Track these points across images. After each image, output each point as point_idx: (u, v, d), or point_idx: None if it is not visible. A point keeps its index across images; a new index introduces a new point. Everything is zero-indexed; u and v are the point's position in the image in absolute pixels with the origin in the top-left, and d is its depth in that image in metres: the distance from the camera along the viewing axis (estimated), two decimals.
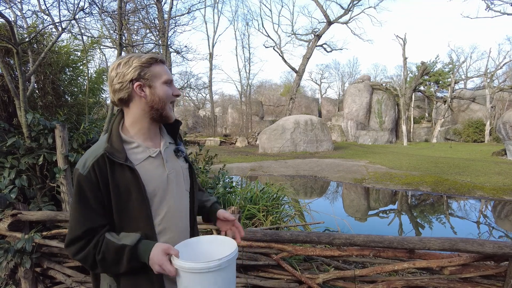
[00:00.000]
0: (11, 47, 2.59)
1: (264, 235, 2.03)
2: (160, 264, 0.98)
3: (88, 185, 1.02)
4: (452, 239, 1.71)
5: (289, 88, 27.94)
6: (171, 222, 1.15)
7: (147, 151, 1.12)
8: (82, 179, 1.03)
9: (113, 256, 1.02)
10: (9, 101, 3.20)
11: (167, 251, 1.00)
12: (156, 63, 1.10)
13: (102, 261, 1.02)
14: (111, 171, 1.04)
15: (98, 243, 1.03)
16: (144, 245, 1.03)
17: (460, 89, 25.84)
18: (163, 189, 1.13)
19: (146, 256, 1.01)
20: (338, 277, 2.02)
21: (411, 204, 7.60)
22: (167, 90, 1.12)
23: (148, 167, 1.11)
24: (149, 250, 1.01)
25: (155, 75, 1.10)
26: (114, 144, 1.07)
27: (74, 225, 1.03)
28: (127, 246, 1.01)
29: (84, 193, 1.03)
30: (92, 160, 1.04)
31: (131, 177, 1.05)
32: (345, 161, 12.81)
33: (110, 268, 1.04)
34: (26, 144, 2.68)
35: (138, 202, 1.06)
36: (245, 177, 9.42)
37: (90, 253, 1.02)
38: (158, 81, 1.10)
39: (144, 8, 8.79)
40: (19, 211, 2.45)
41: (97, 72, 4.89)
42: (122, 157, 1.05)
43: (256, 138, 21.55)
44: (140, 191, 1.06)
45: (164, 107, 1.12)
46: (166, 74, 1.12)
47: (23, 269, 2.47)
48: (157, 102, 1.10)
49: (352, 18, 21.82)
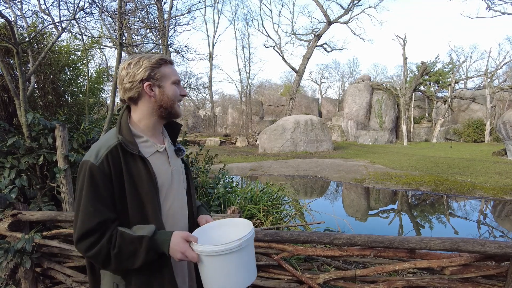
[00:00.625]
0: (11, 47, 2.58)
1: (265, 235, 2.02)
2: (183, 251, 0.99)
3: (101, 176, 1.02)
4: (453, 239, 1.71)
5: (289, 88, 27.93)
6: (174, 217, 1.18)
7: (155, 146, 1.16)
8: (95, 169, 1.01)
9: (129, 248, 1.00)
10: (9, 101, 3.19)
11: (187, 238, 1.01)
12: (165, 64, 1.14)
13: (118, 255, 1.00)
14: (125, 161, 1.05)
15: (113, 237, 1.01)
16: (162, 235, 1.03)
17: (460, 89, 25.83)
18: (168, 184, 1.16)
19: (166, 245, 1.01)
20: (339, 277, 2.02)
21: (412, 204, 7.59)
22: (175, 90, 1.16)
23: (156, 161, 1.14)
24: (168, 239, 1.01)
25: (165, 75, 1.13)
26: (126, 136, 1.09)
27: (86, 218, 0.99)
28: (145, 237, 1.00)
29: (96, 184, 1.01)
30: (106, 150, 1.04)
31: (144, 168, 1.07)
32: (345, 161, 12.80)
33: (124, 262, 1.01)
34: (26, 144, 2.68)
35: (150, 194, 1.07)
36: (245, 177, 9.43)
37: (104, 248, 0.99)
38: (167, 82, 1.14)
39: (144, 8, 8.78)
40: (19, 211, 2.45)
41: (97, 72, 4.89)
42: (135, 148, 1.07)
43: (256, 138, 21.54)
44: (152, 181, 1.07)
45: (173, 106, 1.16)
46: (175, 74, 1.16)
47: (23, 269, 2.47)
48: (166, 102, 1.14)
49: (352, 18, 21.84)
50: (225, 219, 1.22)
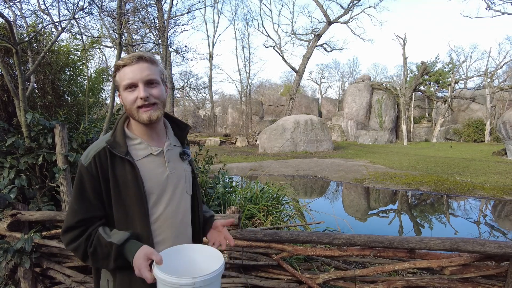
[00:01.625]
0: (11, 46, 2.58)
1: (264, 235, 2.02)
2: (139, 268, 0.97)
3: (87, 176, 1.05)
4: (453, 239, 1.70)
5: (289, 88, 27.93)
6: (167, 222, 1.14)
7: (149, 149, 1.13)
8: (83, 169, 1.05)
9: (103, 251, 1.03)
10: (8, 101, 3.19)
11: (149, 256, 0.97)
12: (119, 70, 1.07)
13: (93, 255, 1.04)
14: (112, 164, 1.05)
15: (91, 236, 1.05)
16: (130, 245, 1.02)
17: (460, 89, 25.83)
18: (161, 188, 1.13)
19: (131, 257, 1.01)
20: (339, 277, 2.01)
21: (411, 204, 7.59)
22: (126, 96, 1.06)
23: (148, 165, 1.11)
24: (134, 252, 1.00)
25: (119, 83, 1.08)
26: (117, 138, 1.09)
27: (70, 214, 1.06)
28: (113, 244, 1.02)
29: (83, 184, 1.05)
30: (94, 152, 1.06)
31: (131, 171, 1.06)
32: (345, 161, 12.80)
33: (100, 262, 1.05)
34: (25, 144, 2.68)
35: (135, 198, 1.06)
36: (245, 177, 9.43)
37: (82, 244, 1.04)
38: (122, 89, 1.08)
39: (144, 8, 8.78)
40: (19, 211, 2.45)
41: (97, 71, 4.88)
42: (123, 151, 1.06)
43: (256, 138, 21.54)
44: (138, 186, 1.06)
45: (131, 113, 1.08)
46: (124, 79, 1.05)
47: (23, 269, 2.46)
48: (127, 109, 1.09)
49: (352, 17, 21.82)
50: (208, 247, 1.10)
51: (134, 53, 1.08)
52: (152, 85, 1.07)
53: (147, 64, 1.06)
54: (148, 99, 1.05)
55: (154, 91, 1.07)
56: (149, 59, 1.07)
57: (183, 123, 1.28)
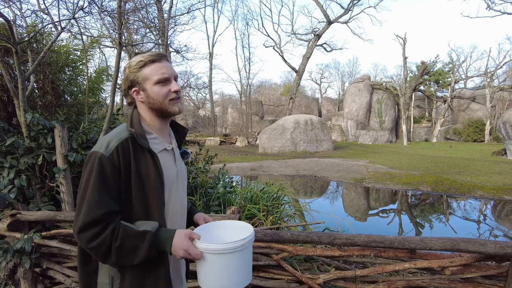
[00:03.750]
0: (11, 46, 2.58)
1: (265, 235, 2.02)
2: (186, 248, 0.99)
3: (110, 167, 1.01)
4: (454, 239, 1.70)
5: (289, 87, 27.93)
6: (174, 216, 1.19)
7: (163, 144, 1.17)
8: (105, 160, 1.01)
9: (132, 243, 0.99)
10: (8, 101, 3.19)
11: (190, 235, 1.02)
12: (146, 65, 1.11)
13: (119, 249, 0.98)
14: (134, 154, 1.06)
15: (116, 229, 0.99)
16: (164, 232, 1.03)
17: (460, 89, 25.82)
18: (173, 182, 1.17)
19: (168, 242, 1.01)
20: (339, 277, 2.01)
21: (412, 203, 7.59)
22: (159, 91, 1.10)
23: (164, 159, 1.15)
24: (171, 236, 1.01)
25: (146, 78, 1.11)
26: (138, 130, 1.09)
27: (92, 207, 0.97)
28: (148, 232, 1.00)
29: (105, 175, 1.00)
30: (117, 142, 1.04)
31: (152, 162, 1.08)
32: (345, 160, 12.80)
33: (124, 257, 1.00)
34: (25, 144, 2.67)
35: (155, 189, 1.07)
36: (245, 176, 9.43)
37: (107, 239, 0.97)
38: (149, 83, 1.11)
39: (143, 8, 8.78)
40: (19, 211, 2.44)
41: (96, 71, 4.88)
42: (145, 142, 1.08)
43: (256, 138, 21.54)
44: (159, 177, 1.08)
45: (162, 106, 1.12)
46: (157, 74, 1.10)
47: (23, 269, 2.46)
48: (153, 103, 1.12)
49: (352, 17, 21.82)
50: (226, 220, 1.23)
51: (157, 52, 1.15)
52: (176, 82, 1.16)
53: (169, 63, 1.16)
54: (179, 92, 1.14)
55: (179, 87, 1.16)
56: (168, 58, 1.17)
57: (180, 126, 1.33)
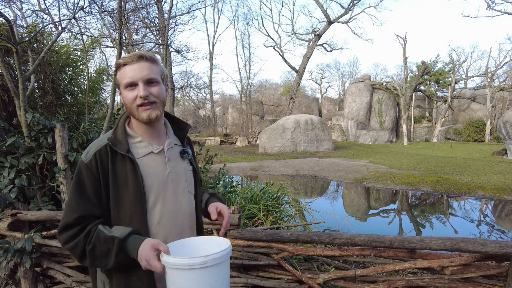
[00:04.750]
0: (11, 46, 2.58)
1: (265, 235, 2.02)
2: (147, 259, 0.94)
3: (87, 173, 1.04)
4: (453, 239, 1.70)
5: (289, 87, 27.92)
6: (167, 221, 1.14)
7: (150, 147, 1.14)
8: (83, 166, 1.05)
9: (103, 247, 1.01)
10: (9, 101, 3.19)
11: (156, 246, 0.96)
12: (121, 68, 1.07)
13: (91, 252, 1.01)
14: (112, 161, 1.06)
15: (90, 233, 1.02)
16: (134, 239, 1.01)
17: (460, 89, 25.79)
18: (161, 186, 1.13)
19: (135, 250, 0.98)
20: (339, 277, 2.01)
21: (412, 203, 7.59)
22: (126, 95, 1.07)
23: (149, 163, 1.12)
24: (138, 244, 0.98)
25: (119, 81, 1.09)
26: (118, 136, 1.10)
27: (68, 212, 1.04)
28: (116, 238, 0.99)
29: (82, 181, 1.05)
30: (95, 149, 1.07)
31: (131, 169, 1.06)
32: (345, 160, 12.80)
33: (98, 260, 1.02)
34: (26, 144, 2.68)
35: (134, 197, 1.06)
36: (246, 176, 9.43)
37: (80, 242, 1.01)
38: (122, 87, 1.09)
39: (144, 8, 8.79)
40: (19, 211, 2.45)
41: (97, 71, 4.88)
42: (124, 148, 1.07)
43: (256, 138, 21.54)
44: (138, 184, 1.06)
45: (132, 111, 1.08)
46: (125, 77, 1.05)
47: (23, 269, 2.47)
48: (127, 107, 1.10)
49: (352, 17, 21.80)
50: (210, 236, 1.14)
51: (134, 52, 1.07)
52: (152, 84, 1.07)
53: (147, 63, 1.06)
54: (148, 97, 1.05)
55: (154, 90, 1.07)
56: (149, 58, 1.07)
57: (182, 122, 1.29)
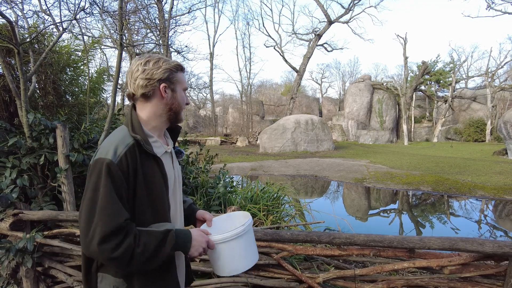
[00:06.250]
0: (12, 47, 2.60)
1: (265, 234, 2.03)
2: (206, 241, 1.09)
3: (120, 174, 0.99)
4: (452, 238, 1.71)
5: (289, 87, 27.92)
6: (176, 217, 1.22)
7: (163, 147, 1.18)
8: (114, 167, 0.98)
9: (155, 245, 0.99)
10: (10, 101, 3.21)
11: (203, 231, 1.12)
12: (181, 71, 1.19)
13: (141, 254, 0.97)
14: (141, 160, 1.06)
15: (136, 235, 0.98)
16: (182, 231, 1.08)
17: (461, 89, 25.76)
18: (173, 184, 1.20)
19: (188, 239, 1.06)
20: (339, 277, 2.02)
21: (412, 203, 7.59)
22: (183, 97, 1.21)
23: (166, 162, 1.17)
24: (189, 233, 1.07)
25: (179, 81, 1.18)
26: (142, 135, 1.09)
27: (110, 216, 0.94)
28: (171, 231, 1.04)
29: (116, 182, 0.98)
30: (124, 148, 1.03)
31: (157, 167, 1.10)
32: (345, 160, 12.80)
33: (146, 262, 0.99)
34: (27, 144, 2.69)
35: (161, 194, 1.10)
36: (246, 176, 9.44)
37: (130, 247, 0.95)
38: (180, 87, 1.18)
39: (144, 8, 8.80)
40: (21, 210, 2.46)
41: (98, 71, 4.89)
42: (150, 148, 1.10)
43: (256, 138, 21.54)
44: (165, 181, 1.12)
45: (180, 111, 1.21)
46: (185, 82, 1.22)
47: (25, 269, 2.48)
48: (175, 105, 1.18)
49: (352, 17, 21.81)
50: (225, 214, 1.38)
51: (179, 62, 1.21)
52: None
53: None
54: None
55: None
56: None
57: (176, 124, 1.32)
